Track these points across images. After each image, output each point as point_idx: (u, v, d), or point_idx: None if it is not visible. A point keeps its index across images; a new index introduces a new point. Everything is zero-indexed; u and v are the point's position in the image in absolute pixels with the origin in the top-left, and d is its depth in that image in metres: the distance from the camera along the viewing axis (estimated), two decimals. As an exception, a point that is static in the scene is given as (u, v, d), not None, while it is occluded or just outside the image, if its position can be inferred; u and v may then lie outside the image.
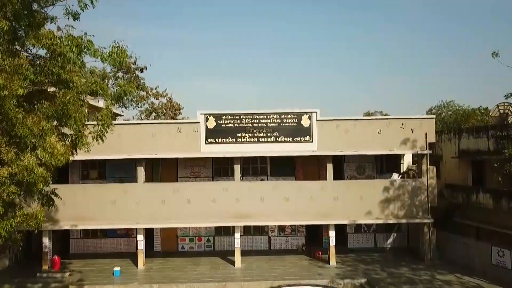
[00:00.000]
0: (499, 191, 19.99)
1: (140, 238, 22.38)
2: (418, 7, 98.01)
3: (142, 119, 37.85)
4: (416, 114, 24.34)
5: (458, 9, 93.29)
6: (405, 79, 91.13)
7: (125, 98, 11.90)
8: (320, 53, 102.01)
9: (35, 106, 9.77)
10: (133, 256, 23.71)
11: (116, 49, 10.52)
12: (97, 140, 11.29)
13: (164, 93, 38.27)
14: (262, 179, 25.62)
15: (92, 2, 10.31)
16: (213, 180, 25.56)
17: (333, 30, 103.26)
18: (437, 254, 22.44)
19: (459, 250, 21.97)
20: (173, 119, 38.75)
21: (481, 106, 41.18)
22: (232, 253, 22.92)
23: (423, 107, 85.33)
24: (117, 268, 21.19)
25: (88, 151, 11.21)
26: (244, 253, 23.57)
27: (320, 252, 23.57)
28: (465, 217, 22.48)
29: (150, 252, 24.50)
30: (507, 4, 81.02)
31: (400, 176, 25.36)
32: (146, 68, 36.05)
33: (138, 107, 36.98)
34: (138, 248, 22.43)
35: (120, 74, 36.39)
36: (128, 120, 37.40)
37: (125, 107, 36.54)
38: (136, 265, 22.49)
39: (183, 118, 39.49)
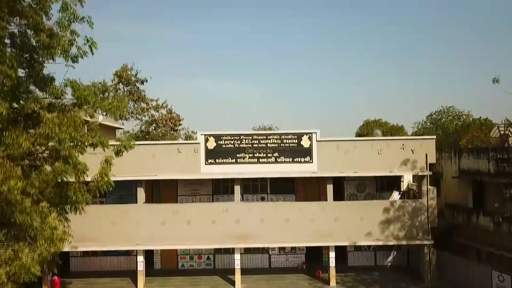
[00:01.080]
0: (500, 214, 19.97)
1: (140, 259, 22.37)
2: (419, 8, 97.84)
3: (142, 130, 37.80)
4: (416, 118, 24.42)
5: (461, 10, 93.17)
6: (406, 83, 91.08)
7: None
8: (320, 55, 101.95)
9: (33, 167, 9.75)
10: (133, 275, 23.68)
11: (116, 100, 10.51)
12: (96, 192, 11.31)
13: (164, 104, 38.23)
14: (262, 197, 25.63)
15: (91, 50, 10.27)
16: (213, 198, 25.61)
17: (333, 32, 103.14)
18: (437, 274, 22.43)
19: (459, 272, 21.94)
20: (173, 130, 38.80)
21: (481, 117, 41.12)
22: (232, 271, 22.88)
23: (423, 112, 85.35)
24: (117, 291, 21.20)
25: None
26: (244, 271, 23.51)
27: (320, 271, 23.56)
28: (465, 237, 22.47)
29: (150, 270, 24.47)
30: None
31: (400, 194, 25.37)
32: (147, 81, 36.08)
33: (138, 119, 36.97)
34: (138, 269, 22.42)
35: (120, 86, 36.41)
36: (128, 132, 37.36)
37: (126, 119, 36.49)
38: (137, 285, 22.49)
39: (183, 129, 39.56)
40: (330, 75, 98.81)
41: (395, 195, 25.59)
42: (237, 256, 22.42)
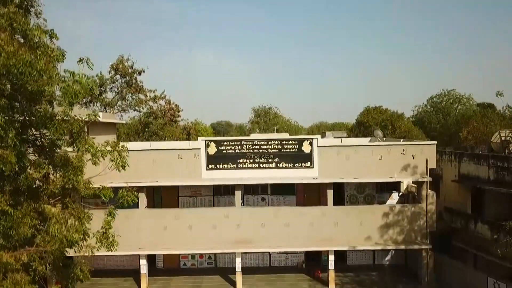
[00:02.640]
0: (498, 224, 20.21)
1: (143, 262, 22.76)
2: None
3: (141, 122, 37.61)
4: (416, 102, 24.29)
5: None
6: (406, 67, 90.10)
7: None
8: (318, 37, 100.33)
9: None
10: (135, 274, 24.05)
11: (116, 154, 10.50)
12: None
13: (162, 95, 37.90)
14: (263, 198, 25.83)
15: (92, 93, 10.11)
16: (213, 199, 25.81)
17: (331, 14, 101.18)
18: (434, 277, 22.88)
19: (456, 276, 22.30)
20: (172, 120, 38.61)
21: (484, 103, 40.88)
22: (233, 270, 23.25)
23: (423, 95, 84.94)
24: (121, 295, 21.67)
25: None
26: (245, 270, 23.70)
27: (319, 272, 24.04)
28: (463, 242, 22.79)
29: (152, 269, 24.88)
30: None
31: (400, 195, 25.55)
32: (144, 71, 35.65)
33: (137, 110, 36.78)
34: (141, 272, 22.83)
35: (118, 77, 35.99)
36: (125, 122, 37.18)
37: (124, 111, 36.30)
38: (140, 287, 22.95)
39: (182, 120, 39.34)
40: (328, 58, 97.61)
41: (395, 196, 25.80)
42: (238, 260, 22.77)
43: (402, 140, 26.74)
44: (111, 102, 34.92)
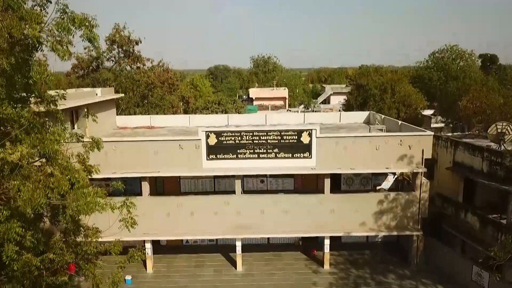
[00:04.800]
0: (486, 217, 21.14)
1: (148, 246, 23.95)
2: None
3: (140, 92, 37.37)
4: (418, 58, 24.39)
5: None
6: (409, 23, 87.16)
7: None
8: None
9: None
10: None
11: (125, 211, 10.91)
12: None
13: (160, 63, 37.38)
14: (262, 180, 26.60)
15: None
16: (214, 181, 26.57)
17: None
18: (424, 260, 24.18)
19: (445, 260, 23.58)
20: (171, 88, 38.40)
21: (487, 54, 40.37)
22: (234, 248, 24.51)
23: (425, 52, 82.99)
24: (128, 277, 23.02)
25: None
26: (244, 247, 24.85)
27: (315, 250, 25.42)
28: (453, 227, 23.84)
29: (156, 247, 26.12)
30: None
31: (395, 178, 26.32)
32: (141, 41, 34.88)
33: (136, 80, 36.36)
34: (147, 255, 24.07)
35: (115, 46, 35.28)
36: (125, 94, 36.92)
37: (122, 84, 35.98)
38: (146, 267, 24.37)
39: (178, 86, 39.02)
40: (326, 17, 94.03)
41: (390, 179, 26.59)
42: (238, 243, 23.97)
43: (400, 123, 26.97)
44: (109, 76, 34.45)
